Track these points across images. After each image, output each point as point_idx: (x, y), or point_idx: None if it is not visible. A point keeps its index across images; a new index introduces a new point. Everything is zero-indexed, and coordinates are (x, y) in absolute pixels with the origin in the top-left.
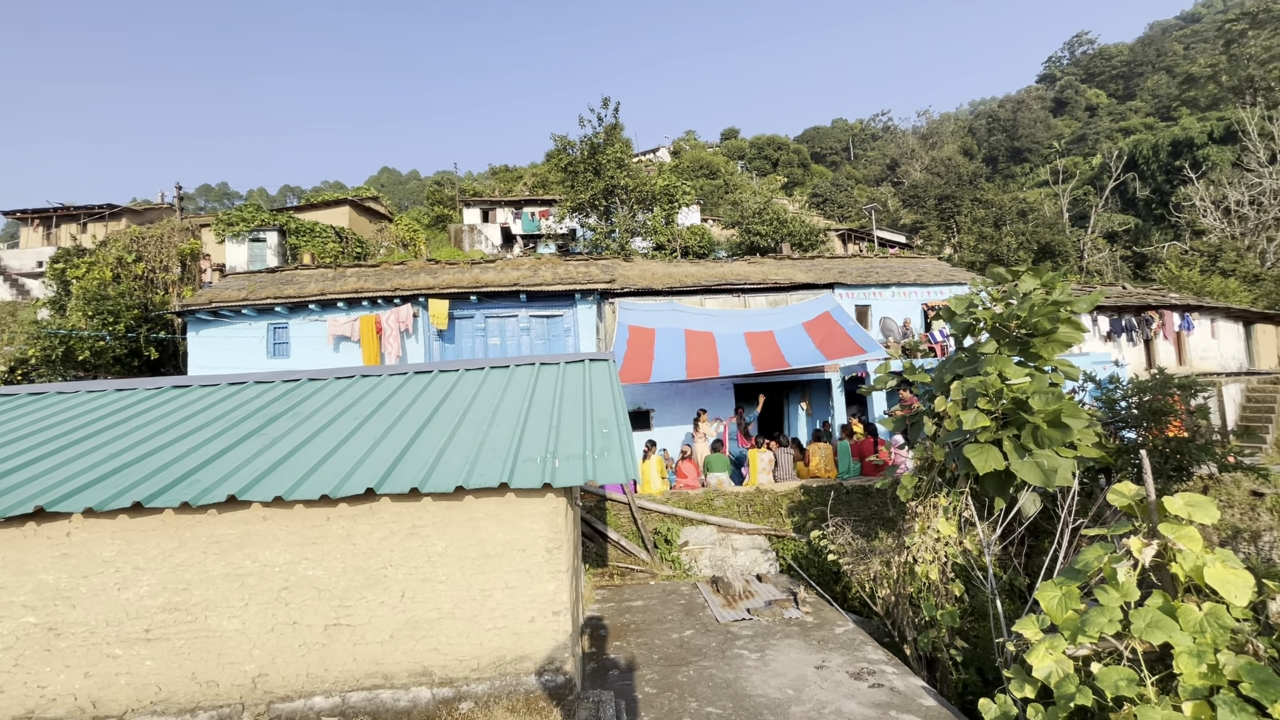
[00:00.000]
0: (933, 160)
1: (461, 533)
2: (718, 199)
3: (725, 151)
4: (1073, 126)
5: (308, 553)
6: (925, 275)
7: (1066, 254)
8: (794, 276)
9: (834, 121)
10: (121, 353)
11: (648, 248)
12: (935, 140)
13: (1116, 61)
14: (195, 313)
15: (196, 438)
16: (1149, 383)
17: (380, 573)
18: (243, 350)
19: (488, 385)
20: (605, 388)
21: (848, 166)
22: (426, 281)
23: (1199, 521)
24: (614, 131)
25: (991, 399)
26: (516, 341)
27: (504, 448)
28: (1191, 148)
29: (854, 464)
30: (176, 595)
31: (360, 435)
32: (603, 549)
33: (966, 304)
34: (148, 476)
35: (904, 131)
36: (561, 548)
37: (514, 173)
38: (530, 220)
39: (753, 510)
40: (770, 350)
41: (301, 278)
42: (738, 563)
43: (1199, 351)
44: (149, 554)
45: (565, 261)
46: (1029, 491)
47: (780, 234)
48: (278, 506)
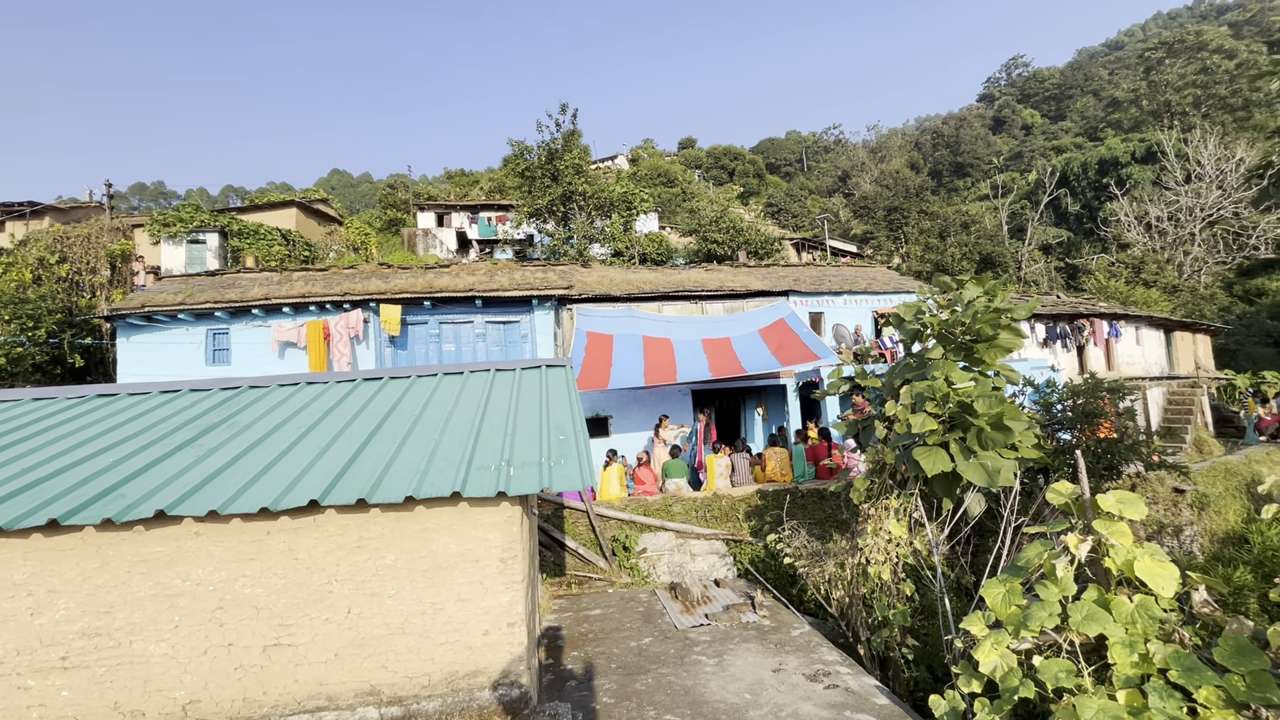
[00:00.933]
0: (882, 173)
1: (412, 545)
2: (675, 207)
3: (683, 160)
4: (1010, 144)
5: (246, 569)
6: (875, 283)
7: (1006, 264)
8: (750, 284)
9: (788, 133)
10: (42, 360)
11: (606, 254)
12: (884, 154)
13: (1048, 84)
14: (126, 317)
15: (123, 449)
16: (1082, 387)
17: (325, 588)
18: (179, 357)
19: (441, 392)
20: (562, 394)
21: (801, 177)
22: (378, 286)
23: (1129, 517)
24: (572, 138)
25: (939, 403)
26: (472, 348)
27: (457, 456)
28: (1117, 166)
29: (809, 468)
30: (98, 619)
31: (304, 445)
32: (560, 558)
33: (914, 311)
34: (67, 491)
35: (854, 145)
36: (516, 557)
37: (470, 177)
38: (487, 225)
39: (710, 515)
40: (727, 356)
41: (244, 281)
42: (696, 568)
43: (1126, 357)
44: (66, 575)
45: (523, 267)
46: (974, 492)
47: (737, 242)
48: (213, 521)
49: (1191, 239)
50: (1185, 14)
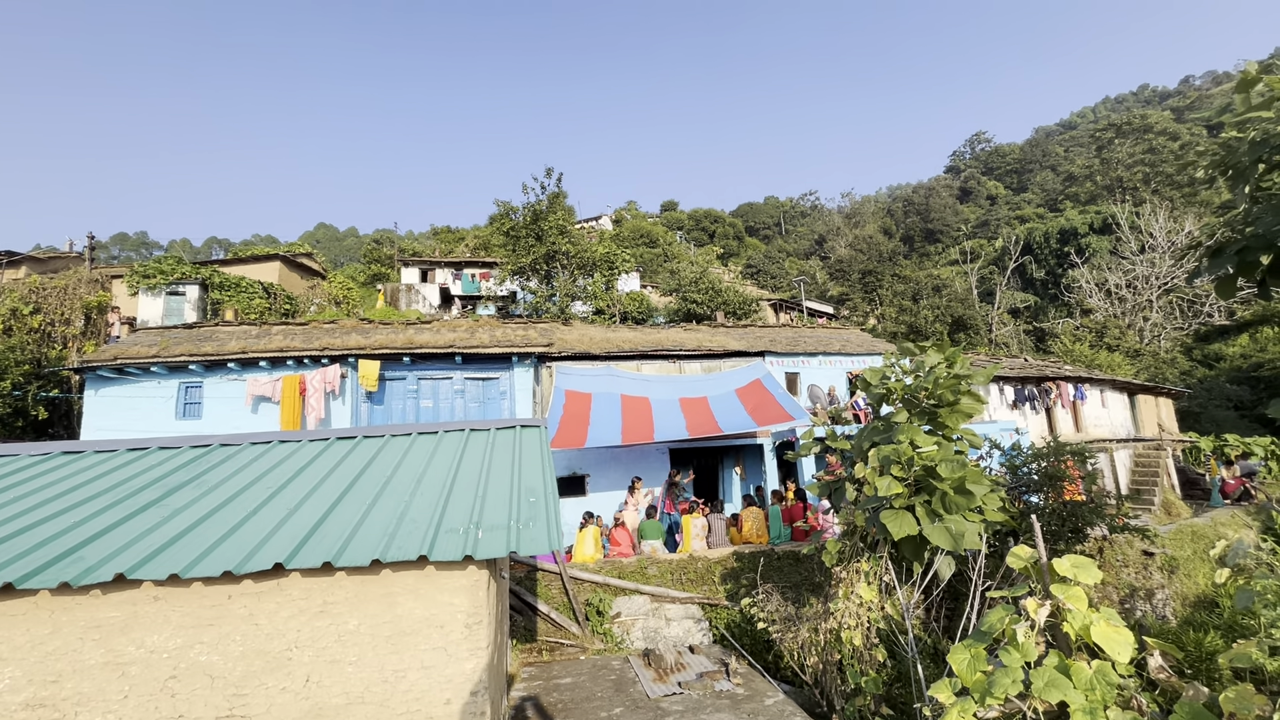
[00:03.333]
0: (856, 238)
1: (377, 609)
2: (657, 267)
3: (665, 222)
4: (977, 212)
5: (203, 635)
6: (849, 345)
7: (977, 327)
8: (728, 344)
9: (766, 198)
10: (4, 412)
11: (588, 312)
12: (858, 219)
13: (1010, 158)
14: (97, 369)
15: (85, 509)
16: (1044, 450)
17: (284, 655)
18: (147, 411)
19: (414, 452)
20: (535, 455)
21: (779, 240)
22: (358, 341)
23: (1083, 581)
24: (557, 199)
25: (904, 466)
26: (450, 404)
27: (426, 518)
28: (1076, 236)
29: (785, 529)
30: (44, 689)
31: (272, 506)
32: (532, 622)
33: (880, 375)
34: (24, 553)
35: (830, 210)
36: (482, 623)
37: (456, 234)
38: (470, 281)
39: (686, 578)
40: (704, 416)
41: (222, 334)
42: (671, 633)
43: (1092, 419)
44: (15, 642)
45: (504, 324)
46: (942, 555)
47: (716, 302)
48: (173, 585)
49: (1150, 305)
50: (1131, 99)
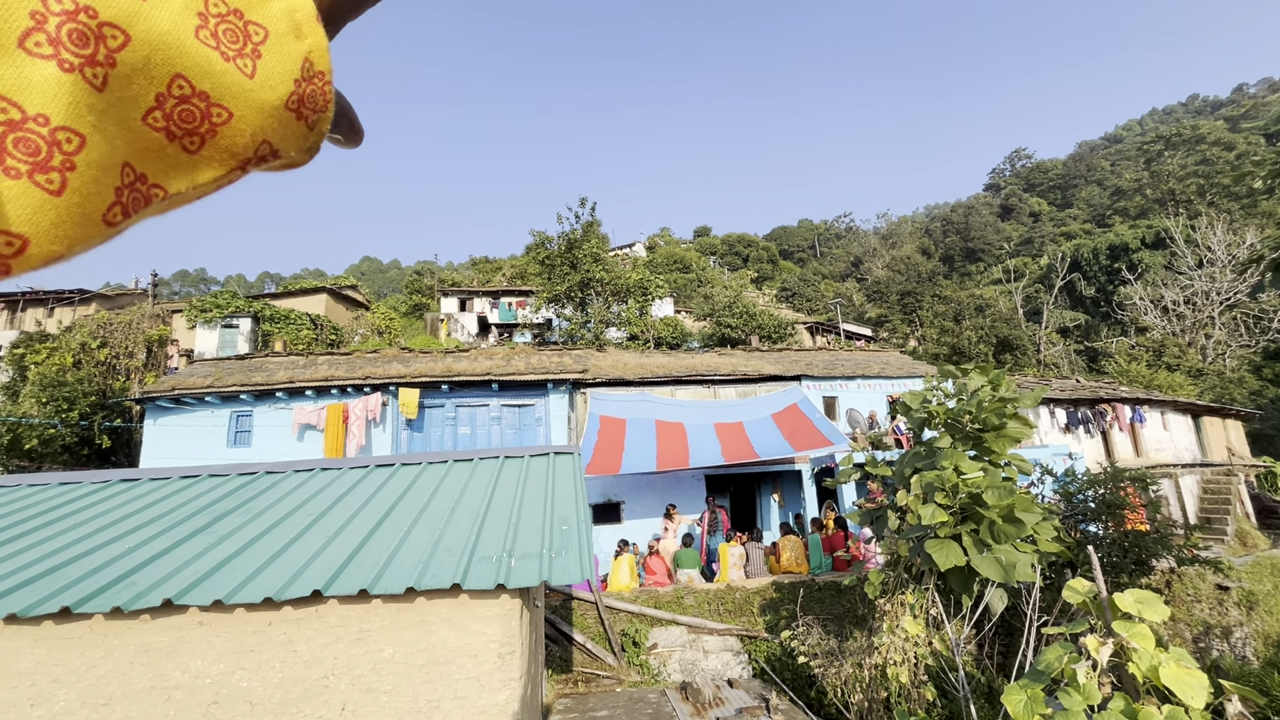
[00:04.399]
0: (893, 259)
1: (411, 637)
2: (690, 292)
3: (698, 247)
4: (1019, 230)
5: (244, 662)
6: (889, 368)
7: (1024, 347)
8: (763, 368)
9: (800, 221)
10: (72, 441)
11: (622, 338)
12: (895, 240)
13: (1052, 174)
14: (156, 399)
15: (138, 535)
16: (1101, 476)
17: (321, 683)
18: (201, 439)
19: (450, 479)
20: (569, 483)
21: (814, 263)
22: (399, 370)
23: (1149, 618)
24: (591, 228)
25: (948, 494)
26: (487, 431)
27: (460, 546)
28: (1127, 252)
29: (825, 559)
30: (95, 712)
31: (313, 533)
32: (567, 652)
33: (921, 399)
34: (81, 579)
35: (865, 232)
36: (515, 653)
37: (493, 264)
38: (507, 310)
39: (724, 609)
40: (740, 441)
41: (271, 365)
42: (709, 666)
43: (1153, 443)
44: (70, 665)
45: (539, 351)
46: (994, 587)
47: (750, 326)
48: (217, 611)
49: (1211, 322)
50: (1180, 109)
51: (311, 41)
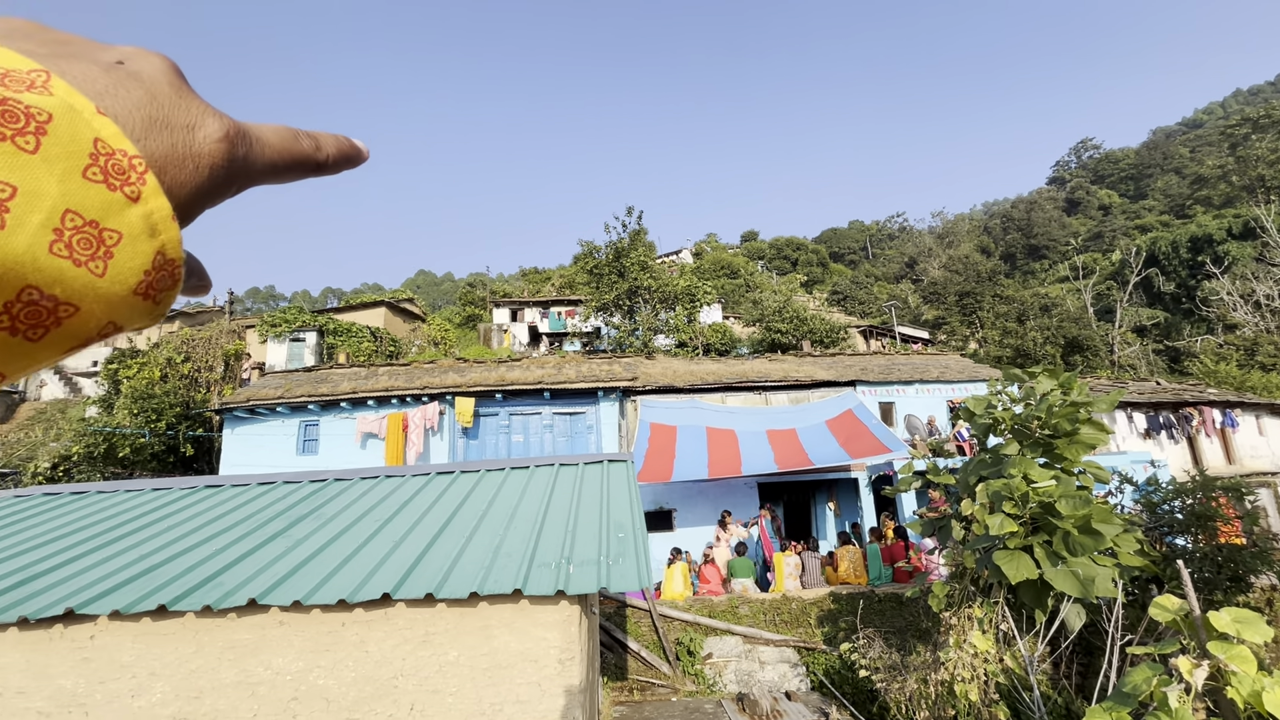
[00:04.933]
0: (950, 258)
1: (474, 641)
2: (739, 297)
3: (745, 252)
4: (1088, 225)
5: (321, 660)
6: (949, 372)
7: (1095, 348)
8: (815, 374)
9: (850, 223)
10: (160, 449)
11: (670, 345)
12: (951, 239)
13: (1124, 164)
14: (233, 410)
15: (224, 539)
16: (1189, 485)
17: (391, 683)
18: (273, 447)
19: (507, 486)
20: (623, 490)
21: (866, 265)
22: (454, 380)
23: (1250, 639)
24: (638, 236)
25: (1017, 503)
26: (540, 439)
27: (520, 552)
28: (1211, 244)
29: (885, 570)
30: (187, 704)
31: (380, 538)
32: (622, 660)
33: (985, 404)
34: (175, 578)
35: (920, 231)
36: (575, 659)
37: (543, 274)
38: (557, 319)
39: (780, 619)
40: (793, 449)
41: (336, 376)
42: (765, 678)
43: (1248, 449)
44: (166, 659)
45: (589, 359)
46: (1069, 602)
47: (801, 331)
48: (295, 611)
49: None
50: (1268, 89)
51: (165, 237)
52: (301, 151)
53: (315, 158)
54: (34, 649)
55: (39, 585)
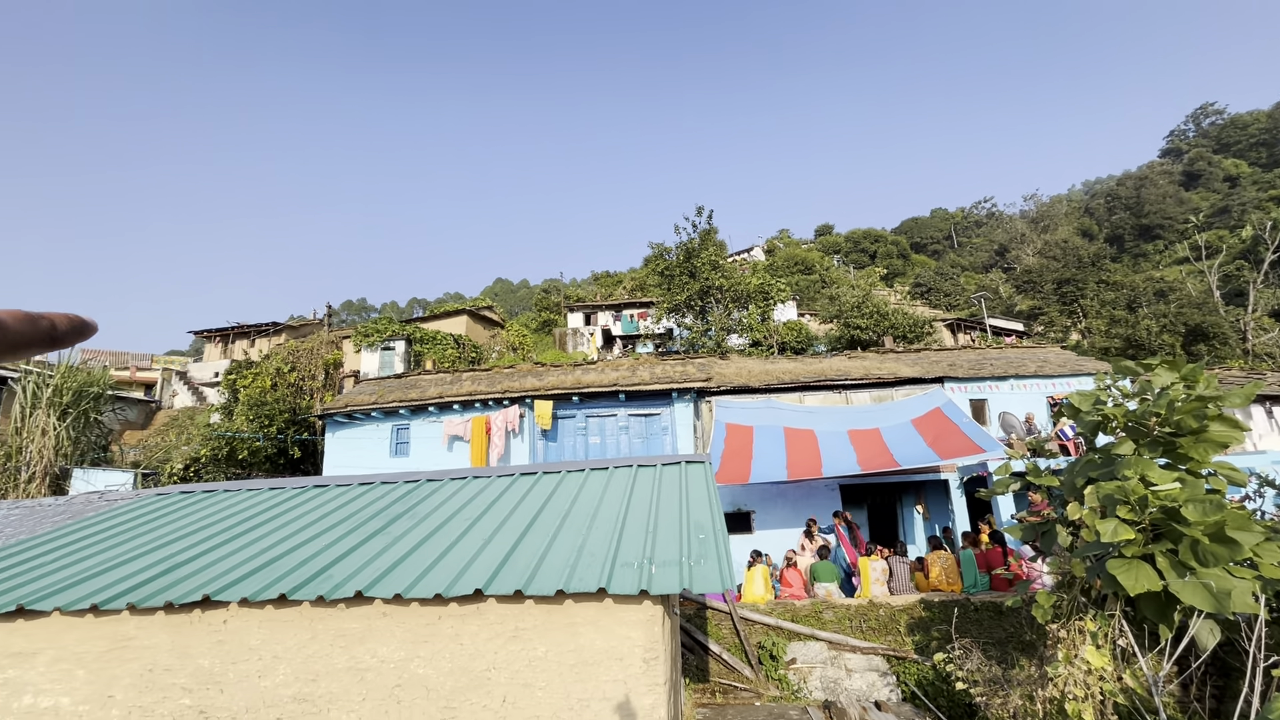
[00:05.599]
0: (1046, 244)
1: (561, 638)
2: (814, 294)
3: (820, 247)
4: (1211, 199)
5: (420, 651)
6: (1048, 366)
7: (1224, 336)
8: (899, 371)
9: (933, 211)
10: (272, 452)
11: (744, 344)
12: (1047, 223)
13: (1253, 129)
14: (333, 415)
15: (331, 535)
16: None
17: (484, 675)
18: (369, 450)
19: (588, 487)
20: (701, 491)
21: (951, 255)
22: (533, 383)
23: None
24: (708, 236)
25: (1134, 507)
26: (615, 440)
27: (602, 552)
28: None
29: (981, 577)
30: (306, 686)
31: (471, 536)
32: (703, 662)
33: (1092, 400)
34: (291, 570)
35: (1010, 216)
36: (659, 659)
37: (614, 278)
38: (629, 322)
39: (866, 626)
40: (877, 449)
41: (423, 382)
42: (853, 686)
43: None
44: (286, 644)
45: (662, 361)
46: (1200, 618)
47: (882, 327)
48: (396, 603)
49: None
50: None
51: None
52: (39, 333)
53: (51, 334)
54: (178, 631)
55: (180, 574)
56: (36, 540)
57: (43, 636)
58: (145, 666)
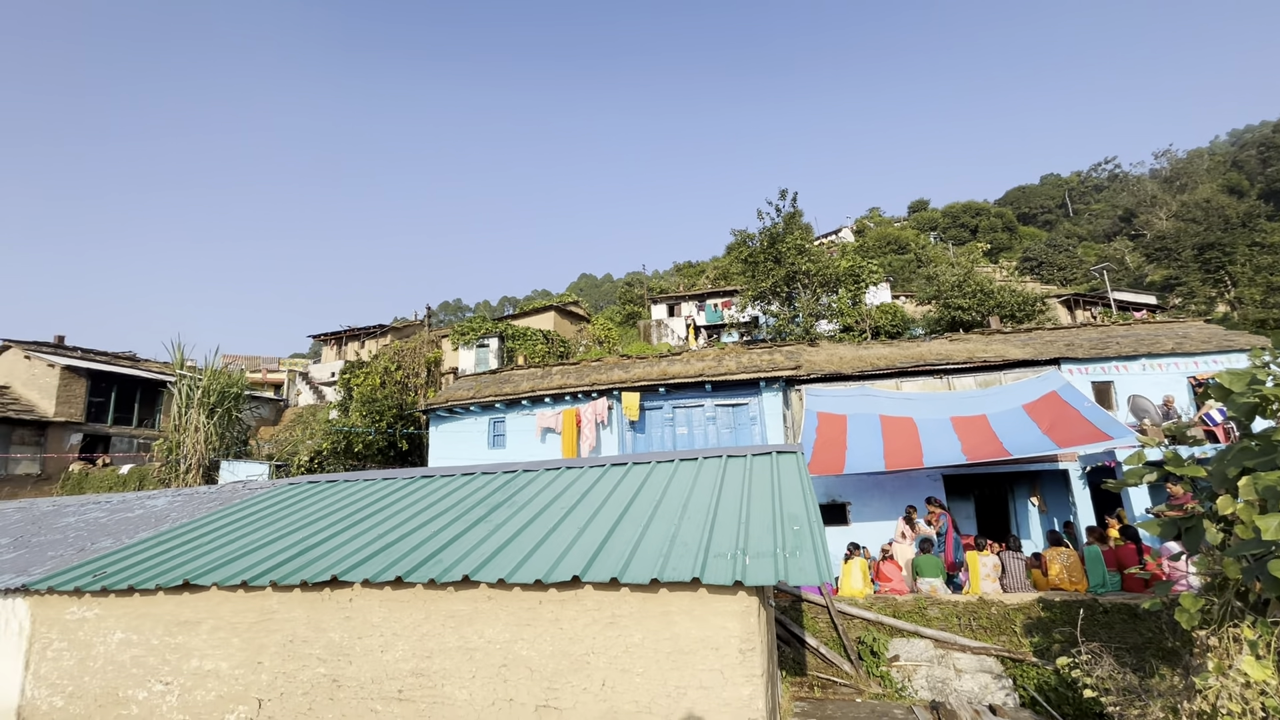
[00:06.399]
0: (1183, 205)
1: (656, 625)
2: (909, 274)
3: (915, 224)
4: None
5: (522, 633)
6: (1188, 342)
7: None
8: (1007, 353)
9: (1043, 178)
10: (383, 445)
11: (834, 330)
12: (1184, 182)
13: None
14: (436, 410)
15: (439, 522)
16: None
17: (583, 659)
18: (469, 442)
19: (678, 478)
20: (794, 482)
21: (1066, 224)
22: (619, 376)
23: None
24: (793, 220)
25: None
26: (703, 431)
27: (695, 542)
28: None
29: (1110, 575)
30: (422, 662)
31: (566, 524)
32: (800, 655)
33: (1247, 379)
34: (406, 555)
35: (1138, 178)
36: (755, 650)
37: (697, 267)
38: (713, 311)
39: (976, 624)
40: (984, 437)
41: (516, 377)
42: (963, 687)
43: None
44: (404, 622)
45: (749, 350)
46: None
47: (986, 306)
48: (500, 588)
49: None
50: None
51: None
52: None
53: None
54: (312, 607)
55: (311, 556)
56: (195, 524)
57: (204, 608)
58: (287, 637)
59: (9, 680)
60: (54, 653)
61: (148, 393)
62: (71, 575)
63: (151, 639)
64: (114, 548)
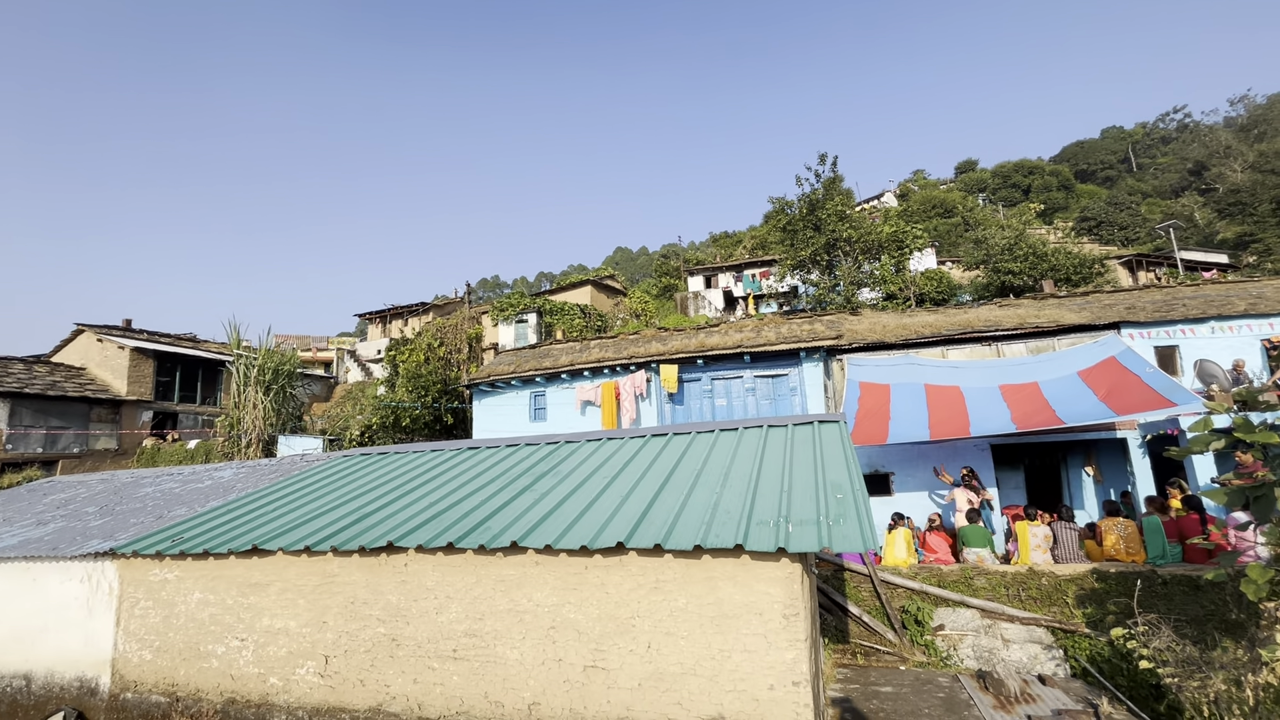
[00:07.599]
0: (1261, 155)
1: (700, 590)
2: (956, 238)
3: (962, 186)
4: None
5: (569, 597)
6: (1263, 302)
7: None
8: (1061, 318)
9: (1104, 131)
10: (429, 419)
11: (877, 298)
12: (1262, 130)
13: None
14: (478, 385)
15: (486, 491)
16: None
17: (629, 622)
18: (511, 415)
19: (718, 447)
20: (837, 451)
21: (1129, 180)
22: (657, 348)
23: None
24: (833, 185)
25: None
26: (743, 402)
27: (737, 509)
28: None
29: (1171, 547)
30: (475, 623)
31: (610, 493)
32: (842, 623)
33: None
34: (456, 522)
35: (1210, 127)
36: (799, 615)
37: (733, 237)
38: (751, 281)
39: (1026, 595)
40: (1036, 405)
41: (555, 351)
42: (1010, 657)
43: None
44: (456, 586)
45: (788, 320)
46: None
47: (1039, 270)
48: (547, 554)
49: None
50: None
51: None
52: None
53: None
54: (370, 571)
55: (368, 523)
56: (259, 494)
57: (272, 570)
58: (348, 599)
59: (103, 635)
60: (141, 610)
61: (208, 372)
62: (153, 540)
63: (226, 599)
64: (188, 515)
